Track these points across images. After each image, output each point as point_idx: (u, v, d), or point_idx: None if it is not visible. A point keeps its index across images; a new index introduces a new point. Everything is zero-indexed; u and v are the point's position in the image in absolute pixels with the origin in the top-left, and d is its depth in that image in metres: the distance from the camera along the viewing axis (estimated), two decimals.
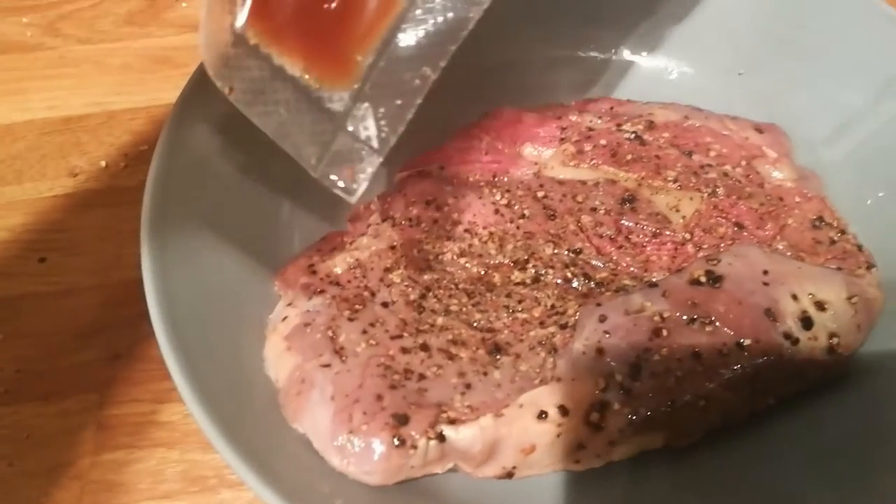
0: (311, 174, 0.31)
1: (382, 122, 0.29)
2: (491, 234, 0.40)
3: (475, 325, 0.37)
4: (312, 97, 0.30)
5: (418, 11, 0.28)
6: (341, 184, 0.30)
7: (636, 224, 0.39)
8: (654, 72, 0.50)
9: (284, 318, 0.36)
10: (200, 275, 0.36)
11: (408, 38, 0.29)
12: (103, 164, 0.50)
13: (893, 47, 0.41)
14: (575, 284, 0.38)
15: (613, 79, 0.50)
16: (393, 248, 0.39)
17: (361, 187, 0.30)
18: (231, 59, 0.30)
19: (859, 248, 0.39)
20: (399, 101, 0.29)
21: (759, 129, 0.44)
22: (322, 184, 0.30)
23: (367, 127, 0.29)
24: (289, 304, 0.37)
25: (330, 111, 0.30)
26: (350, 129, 0.29)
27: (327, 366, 0.33)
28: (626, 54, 0.51)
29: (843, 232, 0.40)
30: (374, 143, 0.29)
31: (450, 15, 0.28)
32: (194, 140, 0.39)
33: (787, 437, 0.35)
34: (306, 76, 0.30)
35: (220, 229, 0.38)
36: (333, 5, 0.29)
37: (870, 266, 0.38)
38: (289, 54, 0.30)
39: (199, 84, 0.39)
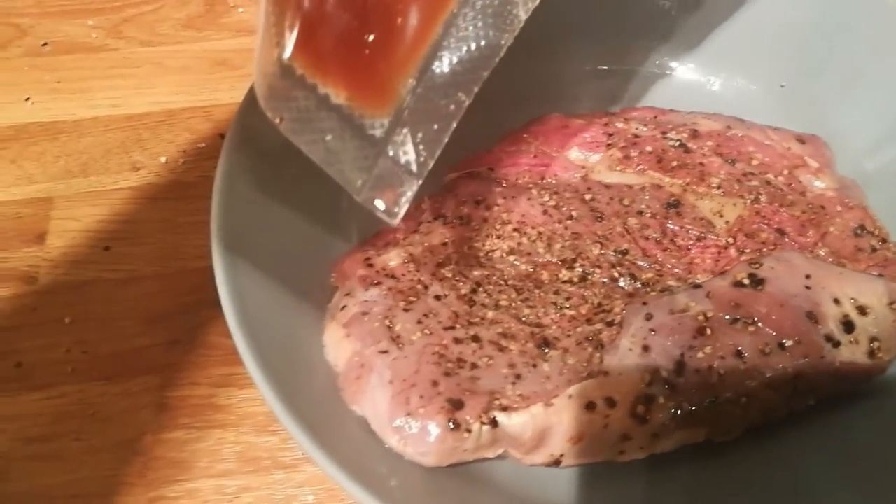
0: (355, 198, 0.32)
1: (421, 147, 0.30)
2: (539, 233, 0.41)
3: (524, 319, 0.38)
4: (355, 124, 0.31)
5: (452, 40, 0.29)
6: (383, 206, 0.31)
7: (681, 227, 0.41)
8: (696, 83, 0.52)
9: (343, 307, 0.38)
10: (265, 266, 0.38)
11: (443, 65, 0.30)
12: (163, 159, 0.53)
13: None
14: (621, 284, 0.40)
15: (656, 89, 0.52)
16: (444, 244, 0.41)
17: (402, 210, 0.31)
18: (280, 90, 0.32)
19: None
20: (436, 126, 0.30)
21: (800, 140, 0.45)
22: (366, 207, 0.32)
23: (407, 151, 0.30)
24: (347, 295, 0.39)
25: (372, 137, 0.31)
26: (391, 153, 0.31)
27: (385, 352, 0.35)
28: (669, 66, 0.52)
29: (884, 240, 0.41)
30: (414, 167, 0.31)
31: (482, 42, 0.29)
32: (259, 136, 0.41)
33: (813, 439, 0.36)
34: (349, 104, 0.31)
35: (282, 224, 0.40)
36: (373, 36, 0.30)
37: None
38: (333, 84, 0.31)
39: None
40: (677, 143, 0.44)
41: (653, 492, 0.36)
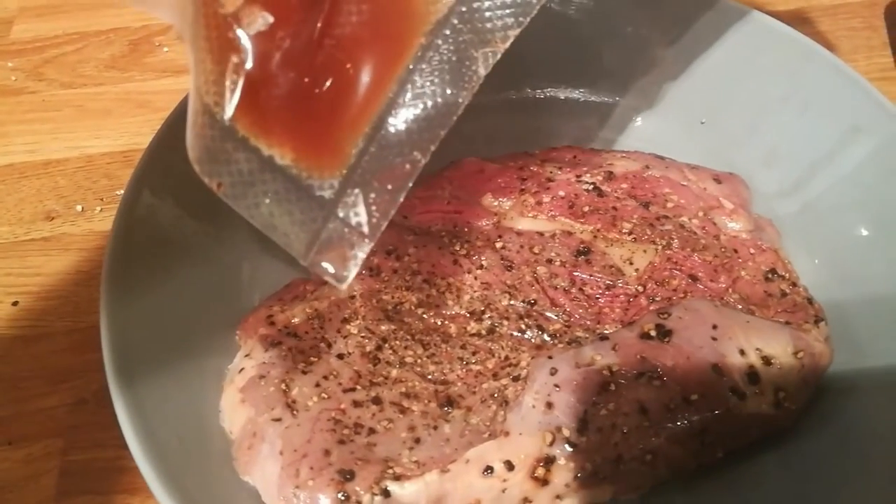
0: (301, 263, 0.30)
1: (373, 208, 0.29)
2: (449, 284, 0.41)
3: (429, 377, 0.37)
4: (302, 185, 0.29)
5: (408, 97, 0.28)
6: (332, 270, 0.29)
7: (590, 276, 0.40)
8: (620, 118, 0.51)
9: (241, 370, 0.37)
10: (161, 326, 0.37)
11: (398, 123, 0.28)
12: (79, 208, 0.51)
13: (849, 103, 0.42)
14: (528, 336, 0.39)
15: (578, 125, 0.51)
16: (352, 297, 0.40)
17: (352, 273, 0.29)
18: (218, 153, 0.29)
19: (809, 301, 0.40)
20: (390, 186, 0.29)
21: (717, 180, 0.45)
22: (313, 271, 0.30)
23: (359, 213, 0.29)
24: (246, 356, 0.38)
25: (320, 199, 0.29)
26: (341, 215, 0.29)
27: (278, 420, 0.34)
28: (592, 100, 0.52)
29: (794, 284, 0.40)
30: (365, 229, 0.29)
31: (439, 100, 0.28)
32: (161, 187, 0.40)
33: (725, 488, 0.36)
34: (296, 165, 0.29)
35: (182, 280, 0.39)
36: (322, 94, 0.29)
37: (818, 320, 0.38)
38: (279, 145, 0.29)
39: (164, 140, 0.41)
40: (591, 187, 0.43)
41: None
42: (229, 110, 0.29)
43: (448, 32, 0.28)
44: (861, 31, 0.61)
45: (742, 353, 0.36)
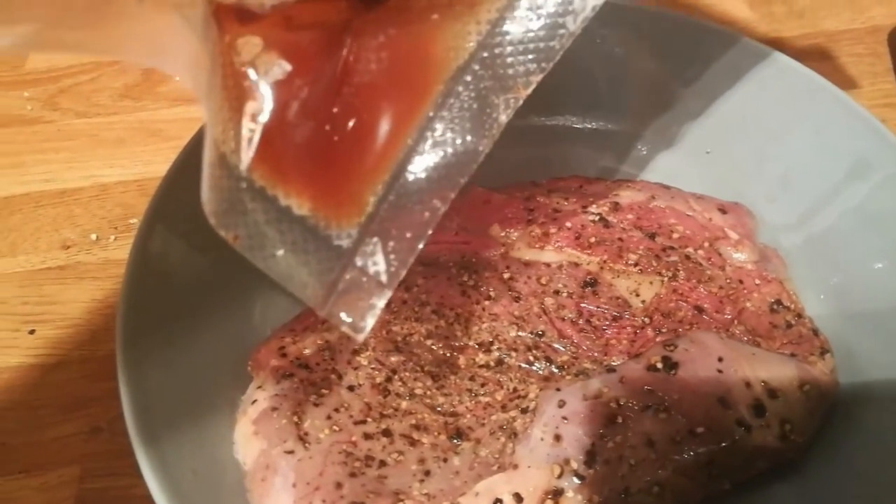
0: (317, 313, 0.29)
1: (392, 257, 0.28)
2: (458, 315, 0.41)
3: (438, 409, 0.38)
4: (320, 236, 0.29)
5: (428, 145, 0.28)
6: (349, 320, 0.29)
7: (597, 308, 0.41)
8: (626, 147, 0.52)
9: (254, 402, 0.37)
10: (175, 359, 0.37)
11: (417, 171, 0.28)
12: (94, 236, 0.52)
13: (856, 138, 0.43)
14: (536, 367, 0.39)
15: (585, 153, 0.52)
16: None
17: (370, 323, 0.29)
18: (235, 205, 0.29)
19: (815, 332, 0.40)
20: (409, 234, 0.28)
21: (723, 210, 0.45)
22: (330, 321, 0.29)
23: (377, 262, 0.28)
24: (259, 387, 0.38)
25: (338, 248, 0.29)
26: (359, 264, 0.29)
27: (290, 452, 0.35)
28: (598, 130, 0.52)
29: (799, 315, 0.41)
30: (384, 278, 0.28)
31: (460, 148, 0.28)
32: (175, 219, 0.41)
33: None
34: (314, 215, 0.29)
35: (195, 315, 0.39)
36: (340, 143, 0.29)
37: (824, 351, 0.39)
38: (296, 195, 0.29)
39: (186, 163, 0.42)
40: (597, 218, 0.44)
41: None
42: (246, 160, 0.29)
43: (469, 79, 0.28)
44: (865, 58, 0.62)
45: (748, 385, 0.36)
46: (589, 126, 0.52)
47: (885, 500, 0.35)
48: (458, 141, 0.28)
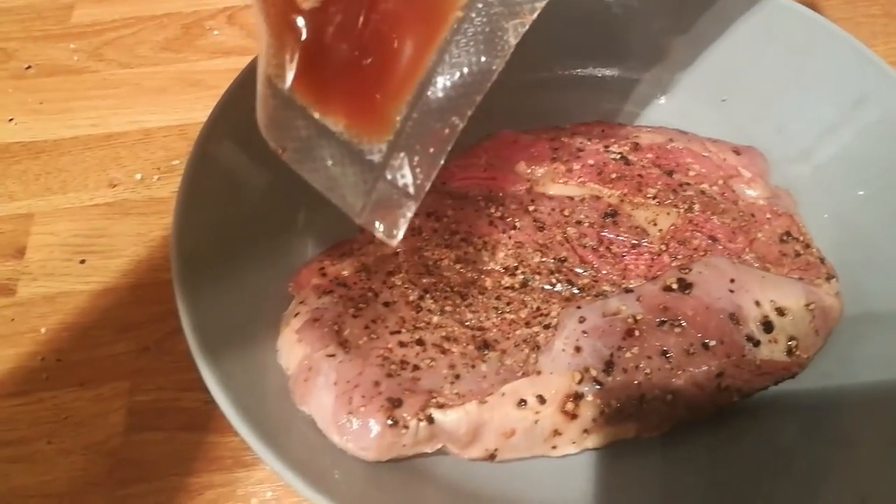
0: (355, 221, 0.33)
1: (417, 170, 0.31)
2: (485, 242, 0.44)
3: (467, 323, 0.40)
4: (354, 150, 0.32)
5: (446, 66, 0.31)
6: (382, 228, 0.32)
7: (616, 236, 0.43)
8: (645, 96, 0.54)
9: (297, 315, 0.40)
10: (223, 279, 0.40)
11: (437, 91, 0.31)
12: (139, 176, 0.55)
13: (855, 72, 0.45)
14: (559, 289, 0.42)
15: (606, 104, 0.54)
16: (396, 254, 0.44)
17: (401, 231, 0.32)
18: (282, 121, 0.32)
19: (822, 260, 0.42)
20: (431, 150, 0.31)
21: (736, 151, 0.48)
22: (366, 228, 0.33)
23: (404, 175, 0.31)
24: (301, 303, 0.41)
25: (371, 162, 0.32)
26: (389, 177, 0.32)
27: (332, 356, 0.38)
28: (620, 77, 0.55)
29: (807, 246, 0.43)
30: (411, 190, 0.31)
31: (474, 68, 0.30)
32: (220, 156, 0.44)
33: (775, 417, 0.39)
34: (349, 132, 0.32)
35: (242, 237, 0.42)
36: (370, 65, 0.32)
37: (829, 277, 0.41)
38: (332, 113, 0.32)
39: (227, 106, 0.44)
40: (618, 156, 0.47)
41: (586, 485, 0.38)
42: (288, 80, 0.32)
43: (481, 6, 0.31)
44: (879, 18, 0.63)
45: (757, 304, 0.39)
46: (610, 76, 0.55)
47: (883, 401, 0.37)
48: (473, 62, 0.31)
